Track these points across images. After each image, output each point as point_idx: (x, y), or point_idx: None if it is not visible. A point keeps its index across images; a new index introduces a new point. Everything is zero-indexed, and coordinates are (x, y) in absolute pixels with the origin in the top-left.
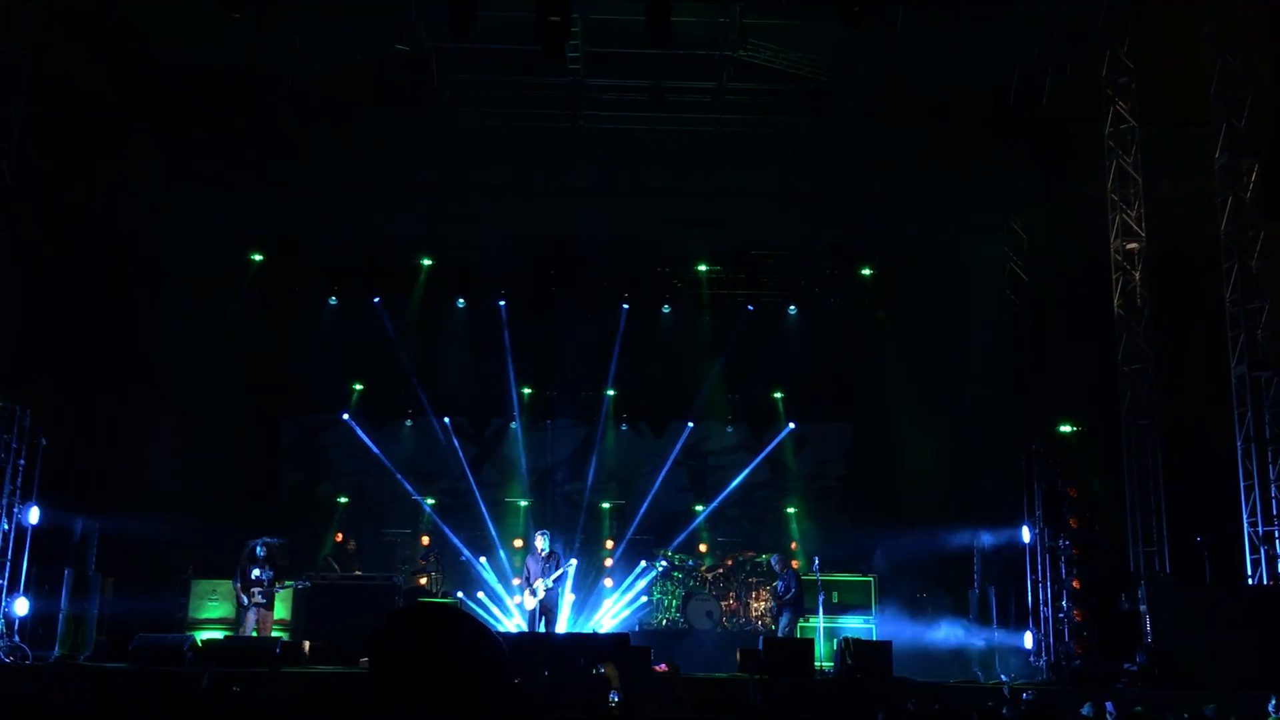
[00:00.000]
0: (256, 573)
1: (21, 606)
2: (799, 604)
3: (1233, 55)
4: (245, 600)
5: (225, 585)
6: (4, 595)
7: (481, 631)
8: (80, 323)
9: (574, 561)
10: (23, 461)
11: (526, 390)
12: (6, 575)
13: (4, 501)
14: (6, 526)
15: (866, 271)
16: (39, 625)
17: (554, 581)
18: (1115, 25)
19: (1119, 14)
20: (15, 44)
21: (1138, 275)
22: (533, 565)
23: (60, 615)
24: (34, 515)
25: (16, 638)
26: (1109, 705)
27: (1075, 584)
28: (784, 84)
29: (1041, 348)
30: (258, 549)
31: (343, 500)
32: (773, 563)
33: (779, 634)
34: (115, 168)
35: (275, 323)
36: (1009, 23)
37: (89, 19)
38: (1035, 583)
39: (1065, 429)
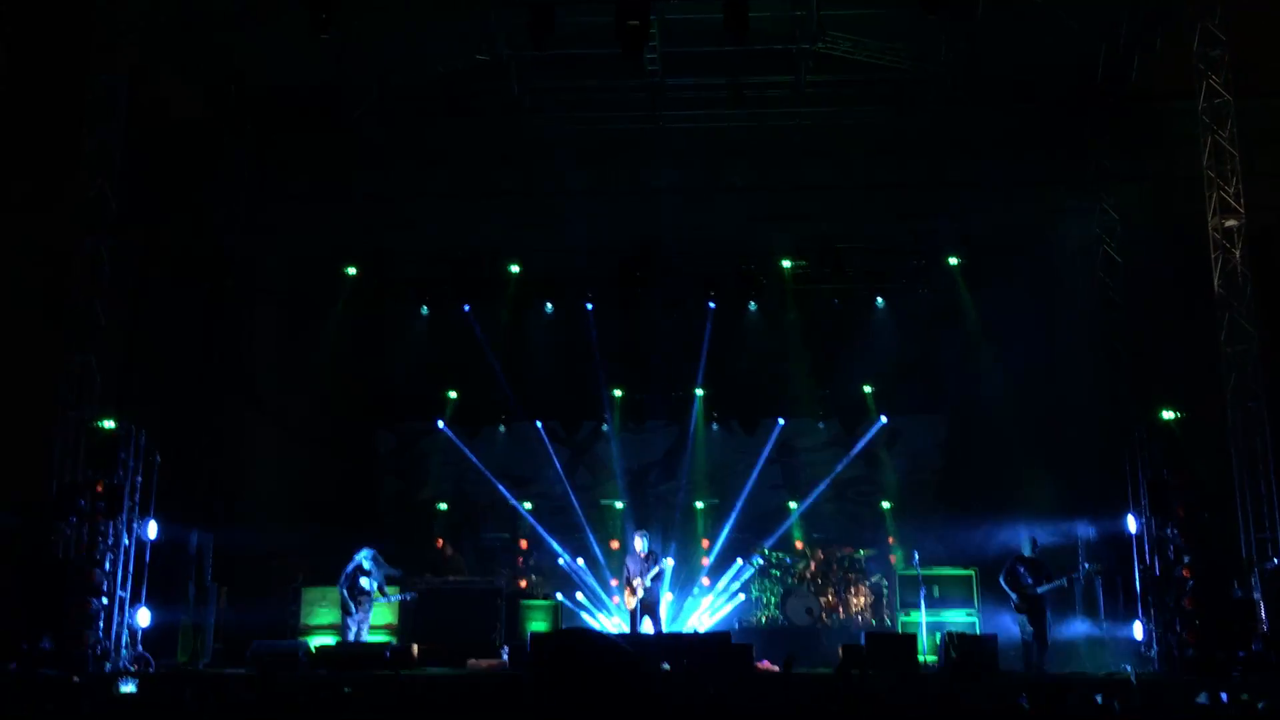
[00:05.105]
0: (365, 582)
1: (144, 617)
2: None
3: None
4: (354, 609)
5: (333, 592)
6: (127, 607)
7: (605, 636)
8: (183, 340)
9: (670, 561)
10: (139, 479)
11: (617, 392)
12: (129, 588)
13: (124, 518)
14: (127, 542)
15: (955, 260)
16: (159, 635)
17: (652, 580)
18: None
19: None
20: (117, 75)
21: (1238, 253)
22: (631, 564)
23: (180, 624)
24: (152, 530)
25: (140, 647)
26: (1224, 695)
27: (1185, 573)
28: (863, 74)
29: (1139, 331)
30: (364, 563)
31: (441, 507)
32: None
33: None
34: (210, 188)
35: (369, 333)
36: None
37: (182, 45)
38: (1144, 572)
39: (1169, 414)
